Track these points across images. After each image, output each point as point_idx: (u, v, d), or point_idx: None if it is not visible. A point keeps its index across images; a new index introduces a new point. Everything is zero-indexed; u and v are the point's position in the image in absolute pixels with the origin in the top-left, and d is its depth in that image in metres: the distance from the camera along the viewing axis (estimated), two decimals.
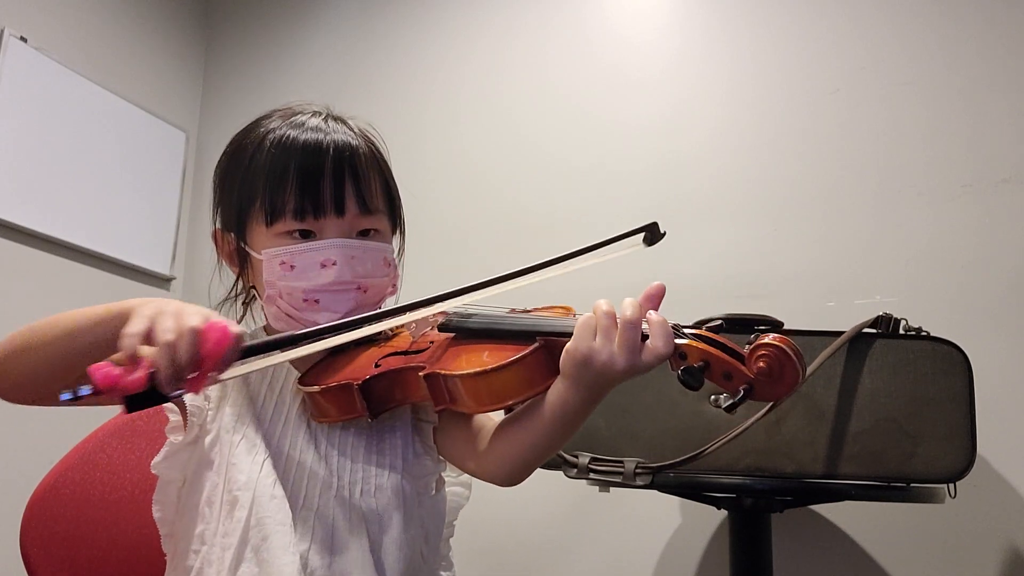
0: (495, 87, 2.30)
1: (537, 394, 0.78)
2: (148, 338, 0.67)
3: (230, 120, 2.63)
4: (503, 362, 0.76)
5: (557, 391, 0.76)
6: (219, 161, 0.97)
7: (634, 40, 2.15)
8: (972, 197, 1.71)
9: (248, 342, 0.70)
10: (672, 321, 0.72)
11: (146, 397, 0.64)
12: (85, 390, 0.62)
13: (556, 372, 0.76)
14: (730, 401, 0.67)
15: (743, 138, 1.96)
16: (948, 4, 1.82)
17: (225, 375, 0.69)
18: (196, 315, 0.68)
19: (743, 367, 0.68)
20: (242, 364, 0.71)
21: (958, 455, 1.21)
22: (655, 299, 0.73)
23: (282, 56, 2.66)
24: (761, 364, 0.67)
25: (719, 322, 0.72)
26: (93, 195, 2.32)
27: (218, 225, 0.96)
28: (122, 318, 0.71)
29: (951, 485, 1.25)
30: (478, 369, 0.76)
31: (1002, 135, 1.71)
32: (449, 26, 2.41)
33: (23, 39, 2.16)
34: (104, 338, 0.74)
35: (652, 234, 0.80)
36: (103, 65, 2.42)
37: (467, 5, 2.41)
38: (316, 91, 2.51)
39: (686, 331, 0.71)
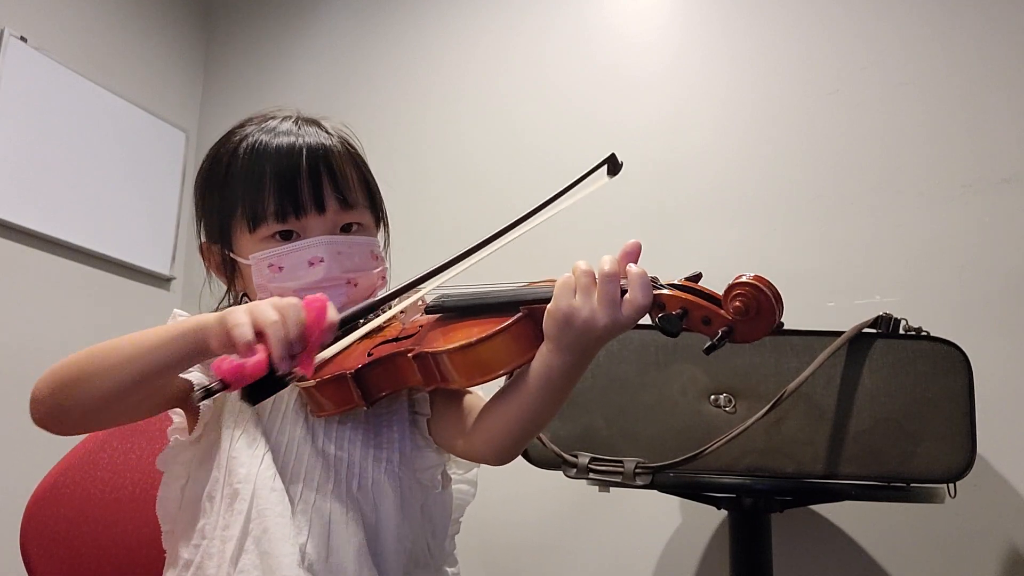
0: (495, 87, 2.30)
1: (524, 363, 0.79)
2: (254, 328, 0.69)
3: (230, 120, 2.58)
4: (487, 333, 0.77)
5: (541, 357, 0.77)
6: (197, 175, 0.99)
7: (634, 40, 2.14)
8: (972, 197, 1.71)
9: (342, 313, 0.74)
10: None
11: (265, 383, 0.67)
12: (215, 386, 0.64)
13: (542, 340, 0.77)
14: (709, 343, 0.69)
15: (743, 138, 1.96)
16: (948, 4, 1.82)
17: (328, 349, 0.73)
18: (289, 299, 0.71)
19: (720, 310, 0.70)
20: (340, 334, 0.75)
21: (958, 455, 1.22)
22: (632, 255, 0.74)
23: (282, 56, 2.66)
24: (737, 303, 0.69)
25: (698, 272, 0.74)
26: (93, 195, 2.31)
27: (203, 238, 0.98)
28: (202, 330, 0.73)
29: (951, 485, 1.25)
30: (463, 343, 0.77)
31: (1002, 135, 1.71)
32: (449, 26, 2.41)
33: (23, 39, 2.16)
34: (184, 353, 0.75)
35: (613, 165, 0.82)
36: (103, 65, 2.42)
37: (467, 5, 2.41)
38: (316, 91, 2.52)
39: (664, 283, 0.74)
